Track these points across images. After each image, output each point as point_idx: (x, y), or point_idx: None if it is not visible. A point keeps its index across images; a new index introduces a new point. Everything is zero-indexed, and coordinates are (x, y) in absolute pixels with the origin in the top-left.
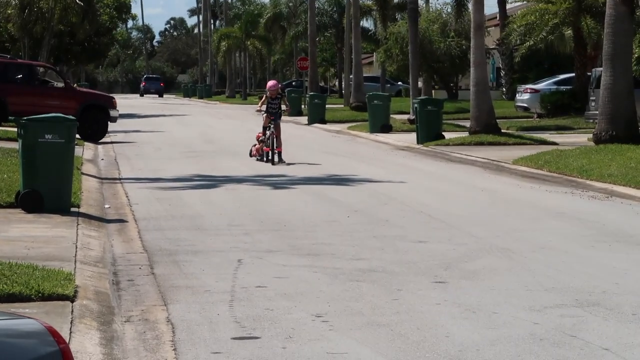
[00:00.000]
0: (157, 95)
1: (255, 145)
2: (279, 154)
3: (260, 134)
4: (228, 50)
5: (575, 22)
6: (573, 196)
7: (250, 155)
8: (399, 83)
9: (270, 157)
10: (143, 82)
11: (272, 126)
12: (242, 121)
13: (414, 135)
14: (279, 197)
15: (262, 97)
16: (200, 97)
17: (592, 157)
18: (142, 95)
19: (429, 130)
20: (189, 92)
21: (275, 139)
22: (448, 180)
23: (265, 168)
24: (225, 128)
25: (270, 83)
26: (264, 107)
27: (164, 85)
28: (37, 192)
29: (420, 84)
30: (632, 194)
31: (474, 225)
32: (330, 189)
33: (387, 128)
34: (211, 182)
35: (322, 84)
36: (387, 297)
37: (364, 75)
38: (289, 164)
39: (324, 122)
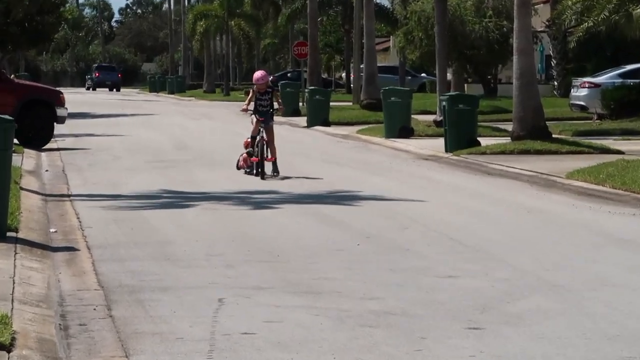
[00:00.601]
0: (114, 90)
1: (243, 154)
2: (273, 164)
3: (248, 141)
4: (206, 33)
5: None
6: None
7: (238, 168)
8: (423, 75)
9: (259, 170)
10: (95, 72)
11: (262, 130)
12: (223, 122)
13: (441, 141)
14: (270, 219)
15: (249, 92)
16: (171, 92)
17: None
18: (92, 89)
19: (461, 135)
20: (157, 85)
21: (266, 146)
22: (484, 199)
23: (254, 182)
24: (202, 131)
25: (258, 74)
26: (251, 106)
27: (122, 77)
28: None
29: (449, 75)
30: None
31: (518, 255)
32: (334, 209)
33: (407, 132)
34: (184, 199)
35: (325, 75)
36: (407, 348)
37: (379, 64)
38: (283, 178)
39: (327, 123)
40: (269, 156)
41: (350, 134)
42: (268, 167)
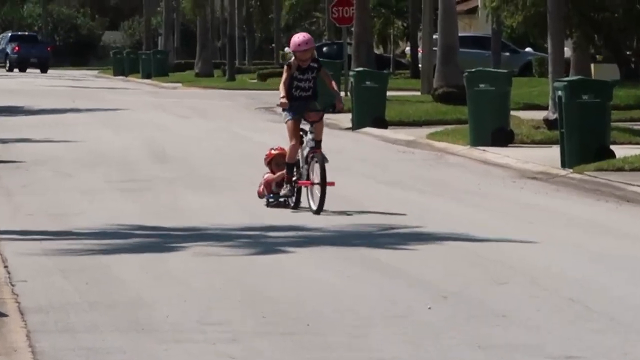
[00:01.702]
0: (39, 70)
1: (265, 175)
2: (322, 196)
3: (273, 153)
4: None
5: None
6: None
7: (260, 196)
8: (528, 50)
9: (297, 198)
10: (13, 45)
11: (308, 132)
12: (226, 121)
13: (555, 151)
14: (294, 269)
15: (285, 68)
16: (147, 76)
17: None
18: (10, 69)
19: (586, 142)
20: (125, 65)
21: (316, 161)
22: (621, 239)
23: (273, 213)
24: (194, 134)
25: (299, 37)
26: (283, 91)
27: (51, 50)
28: None
29: (567, 51)
30: None
31: None
32: (393, 255)
33: (504, 137)
34: (167, 238)
35: (379, 50)
36: None
37: (461, 34)
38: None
39: (382, 124)
40: (324, 181)
41: (417, 139)
42: (312, 201)
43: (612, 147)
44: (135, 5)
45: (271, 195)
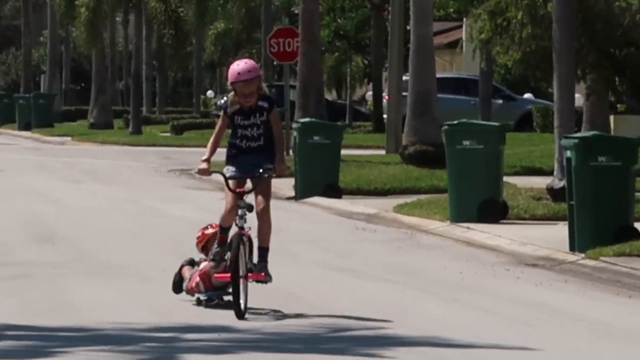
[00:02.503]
0: None
1: (201, 265)
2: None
3: (207, 233)
4: (96, 10)
5: None
6: None
7: (186, 290)
8: (527, 96)
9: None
10: None
11: (244, 203)
12: (130, 188)
13: (562, 230)
14: None
15: (220, 111)
16: (26, 127)
17: None
18: None
19: (602, 218)
20: None
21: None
22: None
23: (189, 310)
24: (87, 205)
25: (239, 64)
26: (209, 150)
27: None
28: None
29: (579, 98)
30: None
31: None
32: None
33: (495, 210)
34: (47, 341)
35: (331, 96)
36: None
37: (440, 75)
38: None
39: (335, 192)
40: (257, 272)
41: (381, 212)
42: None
43: (637, 225)
44: (11, 34)
45: (208, 292)
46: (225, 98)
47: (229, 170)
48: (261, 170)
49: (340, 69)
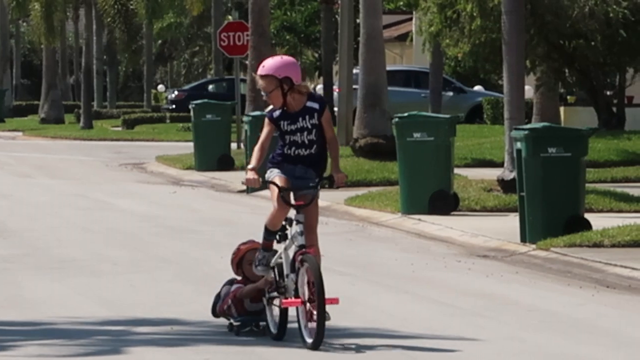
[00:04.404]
0: None
1: (233, 286)
2: (320, 321)
3: (243, 249)
4: (47, 7)
5: None
6: None
7: (215, 313)
8: (477, 88)
9: (281, 324)
10: None
11: (294, 222)
12: (84, 182)
13: (513, 221)
14: None
15: (265, 120)
16: None
17: None
18: None
19: (553, 209)
20: None
21: (307, 267)
22: (602, 337)
23: (144, 305)
24: (39, 201)
25: (276, 60)
26: (256, 157)
27: None
28: None
29: (529, 90)
30: None
31: None
32: (293, 357)
33: (445, 202)
34: None
35: None
36: None
37: (390, 68)
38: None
39: None
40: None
41: (332, 205)
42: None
43: (587, 215)
44: None
45: (241, 316)
46: (176, 92)
47: (274, 172)
48: (313, 183)
49: None
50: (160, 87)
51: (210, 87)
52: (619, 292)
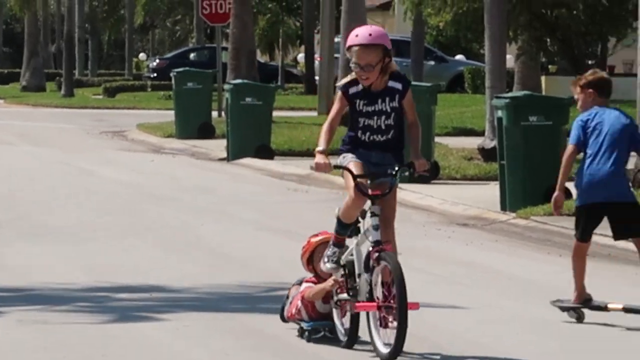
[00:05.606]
0: None
1: (303, 286)
2: (400, 328)
3: (314, 242)
4: None
5: None
6: None
7: (284, 318)
8: (459, 57)
9: (352, 329)
10: None
11: (369, 213)
12: (65, 150)
13: (493, 190)
14: (158, 340)
15: (338, 95)
16: None
17: None
18: None
19: (533, 177)
20: None
21: (385, 265)
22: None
23: (127, 272)
24: (21, 167)
25: (363, 28)
26: (324, 139)
27: None
28: None
29: (510, 59)
30: None
31: None
32: (280, 324)
33: (428, 170)
34: None
35: (264, 58)
36: None
37: None
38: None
39: (267, 153)
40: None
41: (313, 174)
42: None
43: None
44: None
45: (311, 322)
46: (157, 60)
47: (347, 157)
48: (394, 171)
49: (272, 31)
50: (142, 56)
51: (192, 55)
52: (599, 260)
